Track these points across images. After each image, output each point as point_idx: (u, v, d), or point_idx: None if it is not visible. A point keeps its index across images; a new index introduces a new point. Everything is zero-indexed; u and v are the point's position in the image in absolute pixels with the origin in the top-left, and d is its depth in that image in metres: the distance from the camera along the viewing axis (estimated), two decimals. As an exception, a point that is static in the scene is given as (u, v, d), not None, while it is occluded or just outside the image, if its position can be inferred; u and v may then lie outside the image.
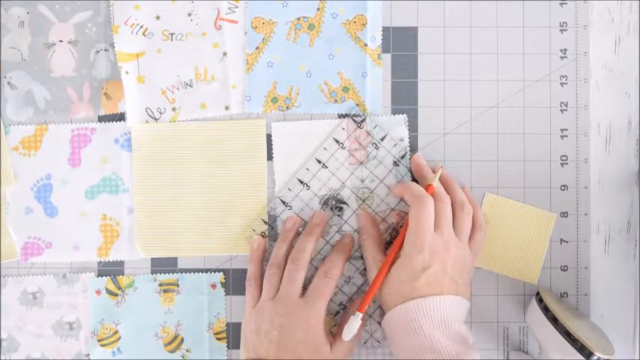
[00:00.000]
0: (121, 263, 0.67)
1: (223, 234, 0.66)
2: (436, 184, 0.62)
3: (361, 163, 0.66)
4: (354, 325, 0.59)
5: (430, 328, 0.56)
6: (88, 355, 0.66)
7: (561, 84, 0.67)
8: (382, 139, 0.66)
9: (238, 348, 0.66)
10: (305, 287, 0.62)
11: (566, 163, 0.67)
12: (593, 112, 0.68)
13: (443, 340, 0.56)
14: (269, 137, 0.67)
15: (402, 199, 0.65)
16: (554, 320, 0.60)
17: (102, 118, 0.67)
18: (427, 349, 0.55)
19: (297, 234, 0.65)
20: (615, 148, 0.68)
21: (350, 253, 0.65)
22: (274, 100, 0.67)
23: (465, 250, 0.61)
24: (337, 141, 0.66)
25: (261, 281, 0.63)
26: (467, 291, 0.61)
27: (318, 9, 0.67)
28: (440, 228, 0.59)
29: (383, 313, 0.66)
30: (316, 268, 0.63)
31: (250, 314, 0.62)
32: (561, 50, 0.67)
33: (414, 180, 0.65)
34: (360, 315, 0.59)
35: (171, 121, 0.67)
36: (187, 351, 0.66)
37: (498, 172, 0.67)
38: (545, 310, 0.61)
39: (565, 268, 0.67)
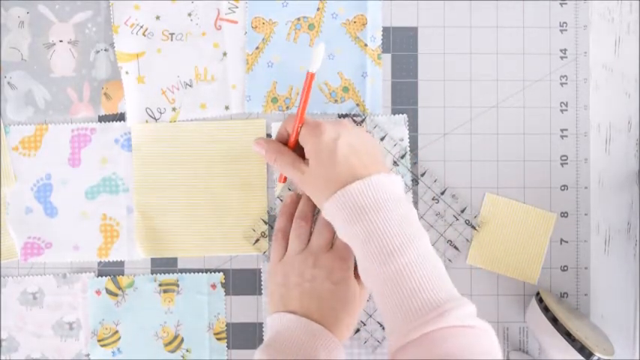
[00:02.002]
0: (121, 263, 0.67)
1: (223, 234, 0.66)
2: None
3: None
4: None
5: (372, 210, 0.54)
6: (88, 355, 0.66)
7: (561, 84, 0.67)
8: (382, 139, 0.66)
9: (238, 348, 0.66)
10: None
11: (566, 163, 0.67)
12: (593, 112, 0.68)
13: (386, 222, 0.53)
14: (269, 137, 0.67)
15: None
16: (554, 320, 0.60)
17: (102, 118, 0.67)
18: (372, 233, 0.53)
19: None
20: (615, 148, 0.68)
21: None
22: (274, 100, 0.67)
23: (359, 129, 0.60)
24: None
25: (288, 235, 0.63)
26: (387, 169, 0.58)
27: (318, 9, 0.67)
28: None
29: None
30: None
31: (276, 267, 0.62)
32: (561, 50, 0.67)
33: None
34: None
35: (171, 121, 0.67)
36: (187, 351, 0.66)
37: (498, 172, 0.67)
38: (545, 310, 0.61)
39: (565, 268, 0.67)
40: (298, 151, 0.60)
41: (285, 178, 0.65)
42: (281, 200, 0.66)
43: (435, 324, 0.49)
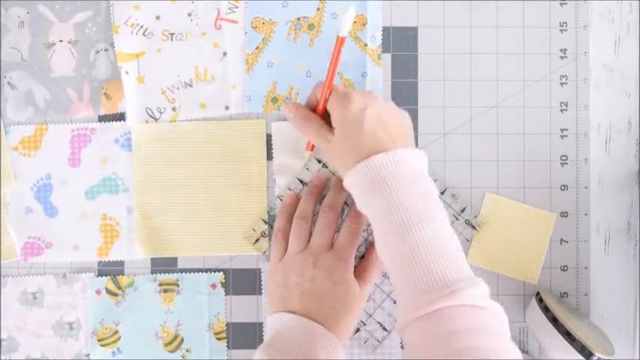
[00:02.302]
0: (121, 263, 0.67)
1: (223, 234, 0.66)
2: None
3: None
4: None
5: (394, 183, 0.53)
6: (88, 355, 0.66)
7: (561, 84, 0.67)
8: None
9: (238, 348, 0.66)
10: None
11: (566, 163, 0.67)
12: (593, 112, 0.68)
13: (407, 197, 0.53)
14: (269, 137, 0.67)
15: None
16: (554, 320, 0.60)
17: (102, 118, 0.67)
18: (393, 206, 0.53)
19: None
20: (615, 148, 0.68)
21: None
22: (274, 100, 0.67)
23: (389, 101, 0.60)
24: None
25: (288, 235, 0.63)
26: (413, 144, 0.59)
27: (318, 9, 0.67)
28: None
29: (383, 313, 0.66)
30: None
31: (276, 267, 0.62)
32: (561, 50, 0.67)
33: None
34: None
35: (171, 121, 0.67)
36: (187, 351, 0.66)
37: (498, 172, 0.67)
38: (545, 310, 0.61)
39: (565, 268, 0.67)
40: (326, 119, 0.60)
41: (313, 147, 0.65)
42: (281, 200, 0.66)
43: (446, 301, 0.49)
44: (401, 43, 0.67)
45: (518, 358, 0.48)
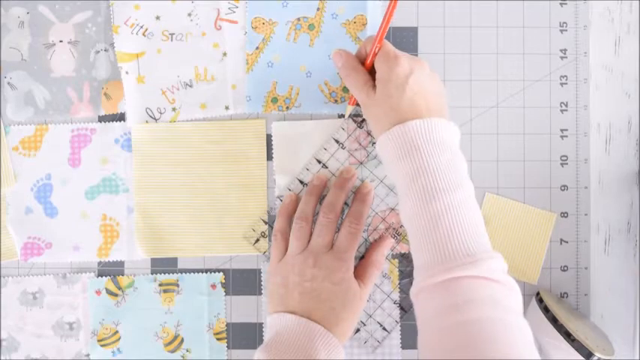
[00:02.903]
0: (121, 263, 0.67)
1: (223, 234, 0.66)
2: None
3: (361, 163, 0.66)
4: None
5: (426, 150, 0.55)
6: (88, 355, 0.66)
7: (561, 84, 0.67)
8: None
9: (238, 348, 0.66)
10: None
11: (566, 163, 0.67)
12: (593, 112, 0.68)
13: (437, 164, 0.54)
14: (269, 137, 0.67)
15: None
16: (554, 320, 0.60)
17: (102, 118, 0.67)
18: (422, 171, 0.54)
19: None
20: (615, 148, 0.68)
21: (372, 201, 0.65)
22: (274, 100, 0.67)
23: (435, 73, 0.60)
24: (337, 141, 0.66)
25: (288, 236, 0.63)
26: (448, 118, 0.59)
27: (318, 9, 0.67)
28: None
29: (383, 314, 0.66)
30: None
31: (276, 268, 0.62)
32: (561, 50, 0.67)
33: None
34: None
35: (171, 122, 0.67)
36: (187, 351, 0.66)
37: (498, 172, 0.67)
38: (545, 310, 0.61)
39: (565, 268, 0.67)
40: (372, 74, 0.60)
41: (355, 101, 0.64)
42: (281, 200, 0.66)
43: (466, 270, 0.50)
44: (401, 43, 0.67)
45: (529, 333, 0.49)
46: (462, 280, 0.50)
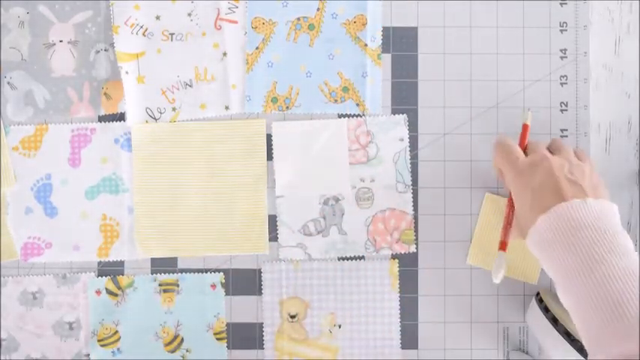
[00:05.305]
0: (121, 263, 0.67)
1: (223, 234, 0.66)
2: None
3: (361, 163, 0.66)
4: (500, 265, 0.58)
5: (591, 235, 0.50)
6: (88, 355, 0.66)
7: (561, 84, 0.67)
8: (382, 139, 0.66)
9: (238, 348, 0.66)
10: None
11: (566, 163, 0.67)
12: (593, 112, 0.68)
13: (607, 251, 0.49)
14: (269, 137, 0.67)
15: None
16: (554, 320, 0.60)
17: (102, 118, 0.67)
18: (593, 263, 0.48)
19: None
20: (615, 148, 0.68)
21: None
22: (274, 100, 0.67)
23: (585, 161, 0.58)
24: (337, 141, 0.66)
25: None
26: (607, 194, 0.56)
27: (318, 9, 0.67)
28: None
29: (384, 313, 0.66)
30: None
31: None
32: (561, 50, 0.67)
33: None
34: (503, 254, 0.58)
35: (171, 121, 0.67)
36: (187, 351, 0.66)
37: (498, 172, 0.67)
38: (545, 310, 0.61)
39: (565, 268, 0.67)
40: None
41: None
42: (282, 201, 0.66)
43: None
44: (401, 43, 0.67)
45: None
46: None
